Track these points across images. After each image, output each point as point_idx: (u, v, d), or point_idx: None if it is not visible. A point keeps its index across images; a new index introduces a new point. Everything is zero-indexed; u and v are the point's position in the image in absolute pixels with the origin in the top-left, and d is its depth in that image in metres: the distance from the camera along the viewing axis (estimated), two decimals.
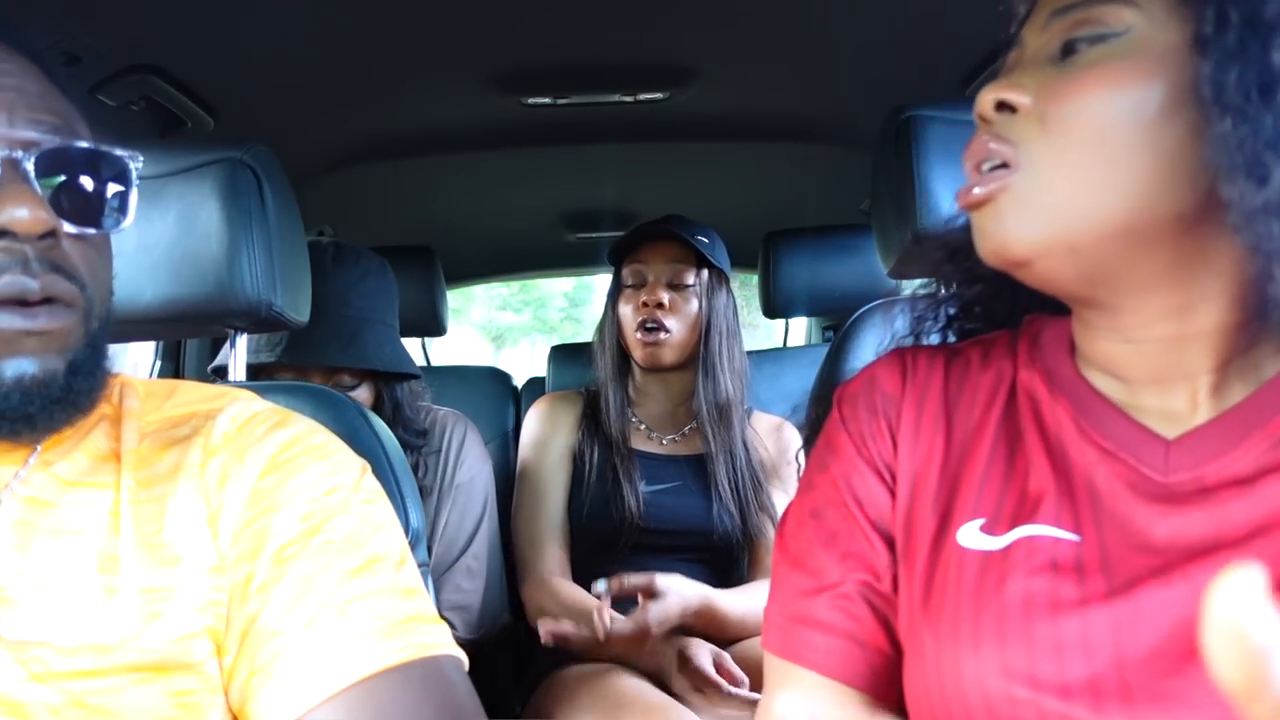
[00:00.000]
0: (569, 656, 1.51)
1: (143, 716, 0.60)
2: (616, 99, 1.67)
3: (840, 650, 0.66)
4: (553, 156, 2.02)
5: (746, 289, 2.49)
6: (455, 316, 2.56)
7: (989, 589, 0.59)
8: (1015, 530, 0.60)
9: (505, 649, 1.60)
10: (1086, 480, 0.60)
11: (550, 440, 1.68)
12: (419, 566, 0.75)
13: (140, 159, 0.67)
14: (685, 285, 1.64)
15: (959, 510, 0.64)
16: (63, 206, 0.61)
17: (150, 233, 0.95)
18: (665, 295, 1.62)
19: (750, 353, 1.78)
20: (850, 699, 0.66)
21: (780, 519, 0.76)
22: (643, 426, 1.70)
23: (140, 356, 1.91)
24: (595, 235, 2.53)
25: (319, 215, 2.10)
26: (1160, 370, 0.60)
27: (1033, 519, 0.60)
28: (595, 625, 1.28)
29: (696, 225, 1.68)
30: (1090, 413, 0.62)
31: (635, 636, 1.34)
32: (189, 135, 1.46)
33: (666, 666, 1.38)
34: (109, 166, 0.65)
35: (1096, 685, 0.53)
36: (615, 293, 1.70)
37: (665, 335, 1.61)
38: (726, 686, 1.30)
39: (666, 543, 1.57)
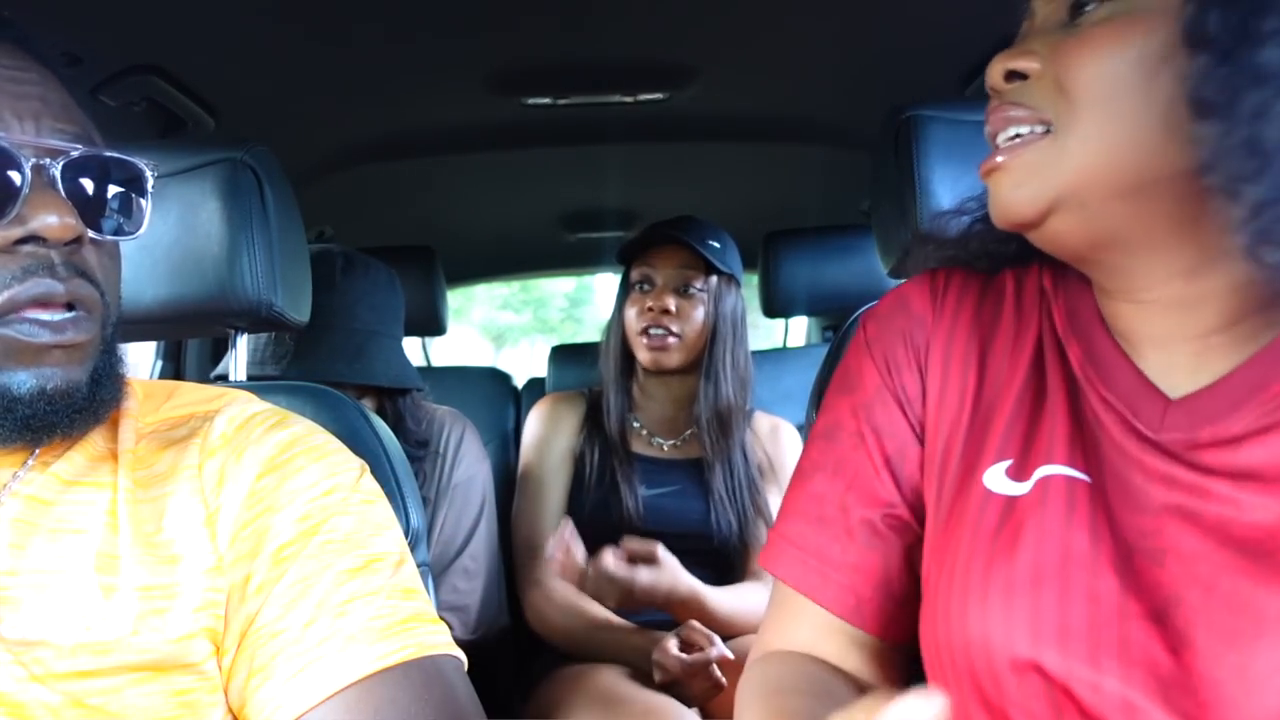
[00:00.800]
0: (568, 656, 1.51)
1: (142, 716, 0.60)
2: (616, 99, 1.67)
3: (839, 588, 0.67)
4: (553, 157, 2.02)
5: (746, 289, 2.49)
6: (455, 316, 2.56)
7: (1005, 541, 0.59)
8: (1037, 472, 0.61)
9: (504, 649, 1.60)
10: (1093, 432, 0.60)
11: (552, 441, 1.68)
12: (419, 567, 0.75)
13: (156, 168, 0.69)
14: (693, 291, 1.64)
15: (987, 451, 0.63)
16: (86, 213, 0.63)
17: (151, 233, 0.94)
18: (672, 301, 1.61)
19: (750, 353, 1.79)
20: (851, 638, 0.67)
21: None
22: (644, 431, 1.70)
23: (140, 357, 1.91)
24: (595, 235, 2.53)
25: (319, 215, 2.10)
26: (1166, 331, 0.60)
27: (1049, 459, 0.60)
28: (553, 542, 1.36)
29: (709, 228, 1.67)
30: (1098, 360, 0.62)
31: (620, 584, 1.37)
32: (189, 136, 1.46)
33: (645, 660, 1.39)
34: (129, 175, 0.67)
35: (1096, 646, 0.54)
36: (623, 294, 1.70)
37: (671, 340, 1.61)
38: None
39: (665, 545, 1.57)
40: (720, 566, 1.60)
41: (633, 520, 1.57)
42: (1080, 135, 0.56)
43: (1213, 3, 0.52)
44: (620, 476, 1.60)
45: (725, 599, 1.47)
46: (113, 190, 0.66)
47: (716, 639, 1.35)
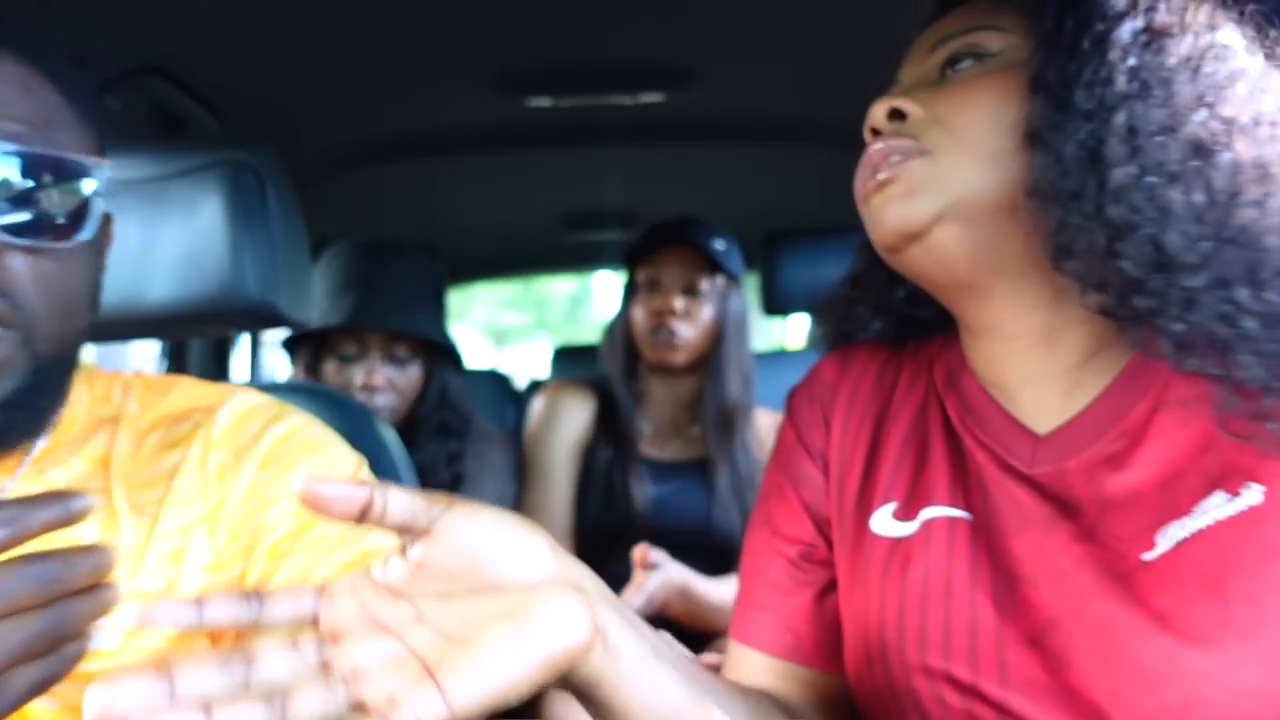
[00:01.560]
0: None
1: None
2: (618, 100, 1.67)
3: (775, 628, 0.72)
4: (554, 157, 2.02)
5: (746, 289, 2.49)
6: (457, 316, 2.57)
7: (894, 575, 0.65)
8: (921, 513, 0.66)
9: None
10: (975, 473, 0.65)
11: (560, 432, 1.67)
12: None
13: (109, 167, 0.64)
14: (700, 292, 1.64)
15: (877, 496, 0.69)
16: (8, 217, 0.57)
17: (153, 234, 0.95)
18: (679, 302, 1.62)
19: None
20: (788, 672, 0.71)
21: None
22: (647, 430, 1.70)
23: (143, 357, 1.92)
24: (596, 235, 2.53)
25: (322, 216, 2.10)
26: (1032, 369, 0.64)
27: (932, 500, 0.66)
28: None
29: (712, 229, 1.68)
30: (972, 408, 0.67)
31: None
32: (192, 136, 1.47)
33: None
34: (66, 175, 0.60)
35: (976, 665, 0.59)
36: (628, 293, 1.70)
37: (679, 340, 1.62)
38: None
39: (668, 543, 1.58)
40: (722, 565, 1.61)
41: (637, 519, 1.57)
42: (959, 159, 0.62)
43: (1053, 57, 0.60)
44: (626, 474, 1.60)
45: (715, 590, 1.47)
46: (43, 192, 0.59)
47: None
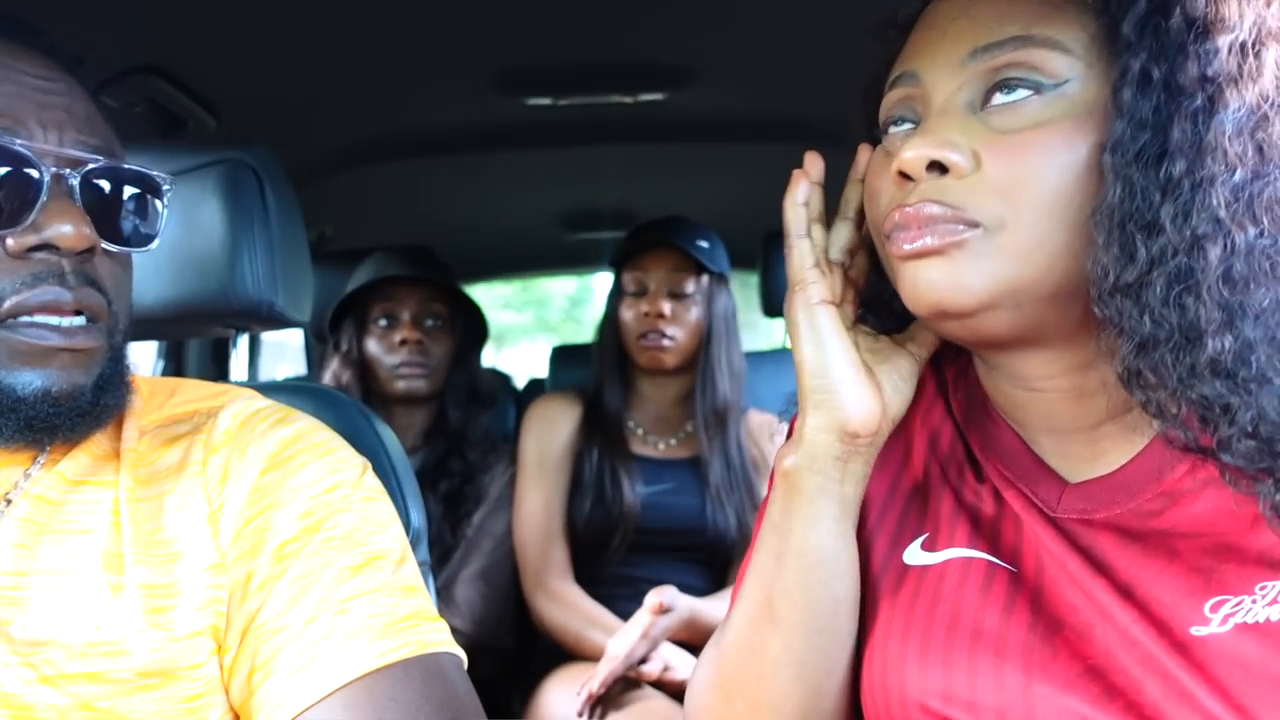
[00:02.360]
0: (568, 656, 1.51)
1: None
2: (617, 99, 1.67)
3: None
4: (553, 157, 2.02)
5: (746, 289, 2.49)
6: None
7: (922, 608, 0.62)
8: (949, 550, 0.63)
9: (504, 649, 1.61)
10: (1011, 514, 0.62)
11: (550, 441, 1.69)
12: (420, 565, 0.75)
13: (171, 180, 0.71)
14: (686, 293, 1.65)
15: (903, 526, 0.66)
16: (101, 224, 0.64)
17: None
18: (667, 305, 1.62)
19: (750, 353, 1.79)
20: None
21: None
22: (639, 430, 1.70)
23: (141, 357, 1.92)
24: (595, 235, 2.53)
25: (320, 215, 2.10)
26: (1059, 421, 0.61)
27: (967, 541, 0.62)
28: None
29: (697, 228, 1.68)
30: (997, 447, 0.64)
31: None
32: (190, 136, 1.47)
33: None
34: (145, 187, 0.69)
35: (1003, 709, 0.56)
36: (615, 297, 1.70)
37: (667, 343, 1.62)
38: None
39: (662, 543, 1.58)
40: (714, 564, 1.62)
41: (629, 519, 1.57)
42: (1014, 239, 0.54)
43: (1138, 129, 0.51)
44: (618, 474, 1.61)
45: (720, 610, 1.47)
46: (128, 202, 0.67)
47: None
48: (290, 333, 2.38)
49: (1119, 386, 0.55)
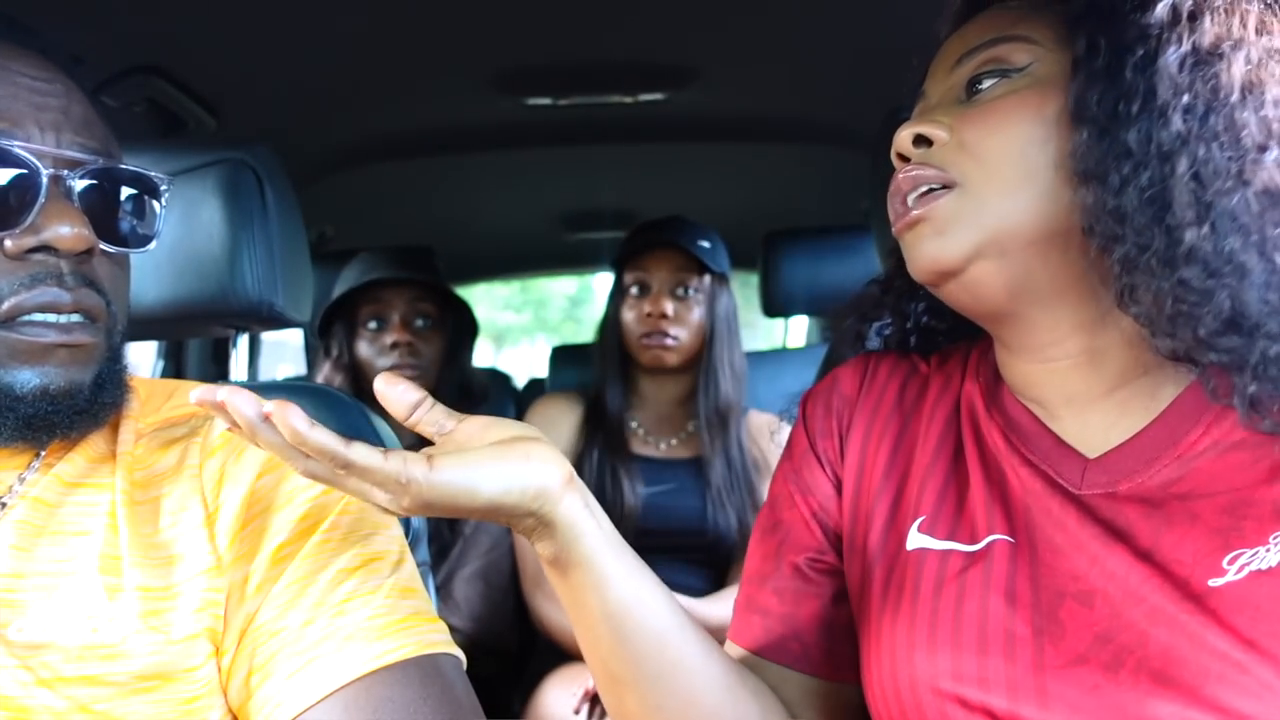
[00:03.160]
0: (568, 656, 1.51)
1: None
2: (617, 99, 1.67)
3: (781, 636, 0.70)
4: (553, 157, 2.02)
5: (747, 289, 2.49)
6: None
7: (926, 593, 0.63)
8: (952, 540, 0.64)
9: (504, 649, 1.61)
10: (1017, 493, 0.63)
11: (551, 441, 1.68)
12: (419, 565, 0.75)
13: (170, 180, 0.70)
14: (689, 294, 1.65)
15: (903, 511, 0.68)
16: (99, 225, 0.64)
17: None
18: (669, 305, 1.62)
19: (750, 353, 1.79)
20: (794, 680, 0.70)
21: None
22: (640, 430, 1.70)
23: (141, 357, 1.92)
24: (595, 235, 2.53)
25: (320, 215, 2.10)
26: (1074, 390, 0.63)
27: (969, 534, 0.64)
28: None
29: (699, 228, 1.68)
30: (1019, 430, 0.66)
31: None
32: (190, 136, 1.47)
33: None
34: (144, 189, 0.68)
35: (1015, 686, 0.57)
36: (617, 297, 1.70)
37: (671, 342, 1.62)
38: None
39: (662, 544, 1.58)
40: (716, 564, 1.61)
41: (630, 519, 1.57)
42: (989, 191, 0.60)
43: (1093, 84, 0.58)
44: (619, 476, 1.60)
45: (716, 611, 1.46)
46: (126, 203, 0.67)
47: None
48: (290, 333, 2.38)
49: (1127, 347, 0.61)
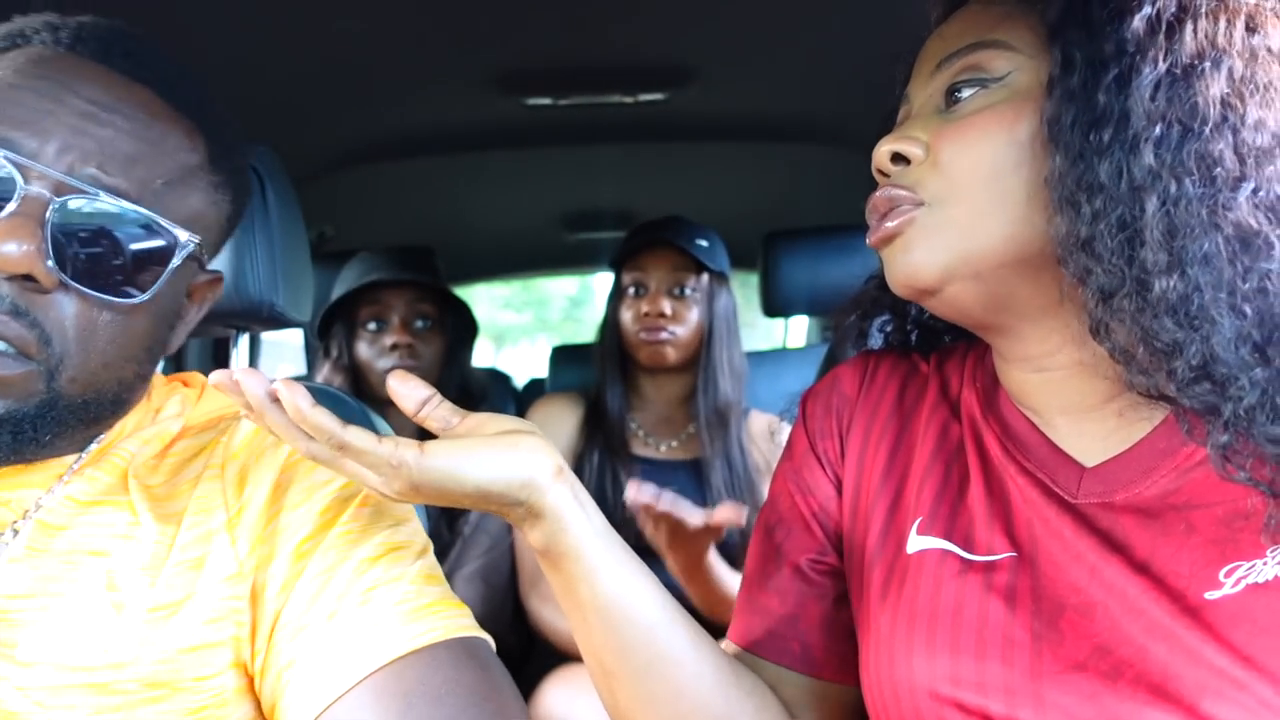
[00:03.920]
0: (568, 657, 1.51)
1: None
2: (617, 99, 1.67)
3: (781, 637, 0.70)
4: (553, 157, 2.02)
5: (746, 289, 2.49)
6: None
7: (926, 596, 0.62)
8: (951, 542, 0.64)
9: (504, 649, 1.61)
10: (1016, 501, 0.63)
11: (552, 442, 1.68)
12: None
13: (199, 243, 0.66)
14: (687, 293, 1.65)
15: (902, 512, 0.67)
16: (74, 262, 0.60)
17: None
18: (667, 305, 1.62)
19: (750, 353, 1.79)
20: (794, 682, 0.70)
21: None
22: (640, 432, 1.70)
23: None
24: (596, 235, 2.53)
25: (320, 215, 2.10)
26: (1070, 400, 0.62)
27: (967, 538, 0.63)
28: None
29: (696, 228, 1.68)
30: (1016, 438, 0.65)
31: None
32: None
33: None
34: (150, 240, 0.64)
35: (1012, 690, 0.57)
36: (616, 297, 1.70)
37: (668, 336, 1.62)
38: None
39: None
40: None
41: (633, 521, 1.57)
42: (960, 213, 0.59)
43: (1067, 105, 0.56)
44: (620, 477, 1.60)
45: (732, 580, 1.46)
46: (118, 249, 0.62)
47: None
48: (290, 333, 2.38)
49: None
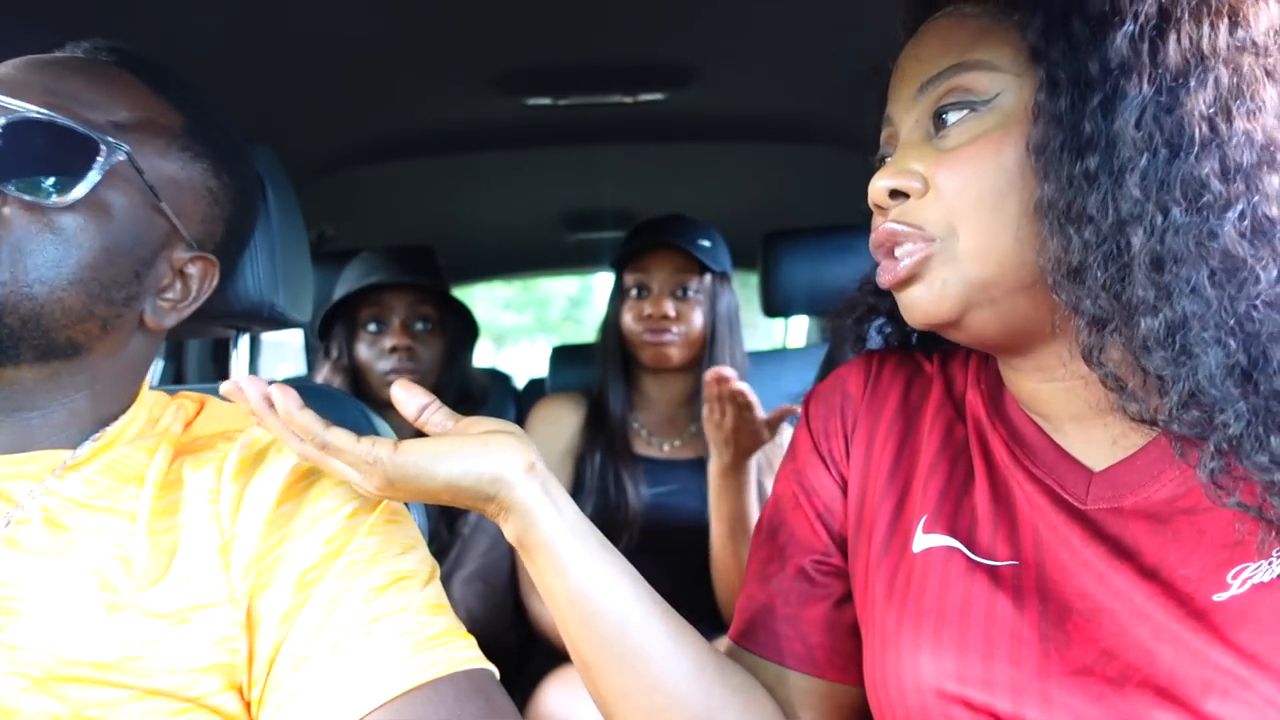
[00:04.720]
0: (566, 656, 1.51)
1: None
2: (617, 99, 1.67)
3: (785, 637, 0.70)
4: (553, 157, 2.02)
5: (746, 289, 2.49)
6: None
7: (932, 596, 0.62)
8: (955, 540, 0.64)
9: (504, 649, 1.61)
10: (1022, 506, 0.63)
11: (552, 442, 1.68)
12: None
13: (128, 151, 0.68)
14: (690, 294, 1.64)
15: (908, 511, 0.67)
16: (9, 174, 0.63)
17: None
18: (670, 306, 1.62)
19: (750, 353, 1.79)
20: (796, 682, 0.70)
21: None
22: (643, 432, 1.70)
23: None
24: (596, 235, 2.53)
25: (320, 215, 2.10)
26: (1079, 407, 0.63)
27: (971, 538, 0.63)
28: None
29: (698, 227, 1.68)
30: (1024, 443, 0.65)
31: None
32: None
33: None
34: (78, 145, 0.65)
35: (1019, 689, 0.57)
36: (618, 298, 1.70)
37: (671, 337, 1.62)
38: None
39: (666, 545, 1.58)
40: None
41: (636, 521, 1.57)
42: (970, 244, 0.60)
43: (1054, 132, 0.55)
44: (623, 476, 1.60)
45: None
46: (50, 156, 0.64)
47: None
48: (290, 333, 2.38)
49: None
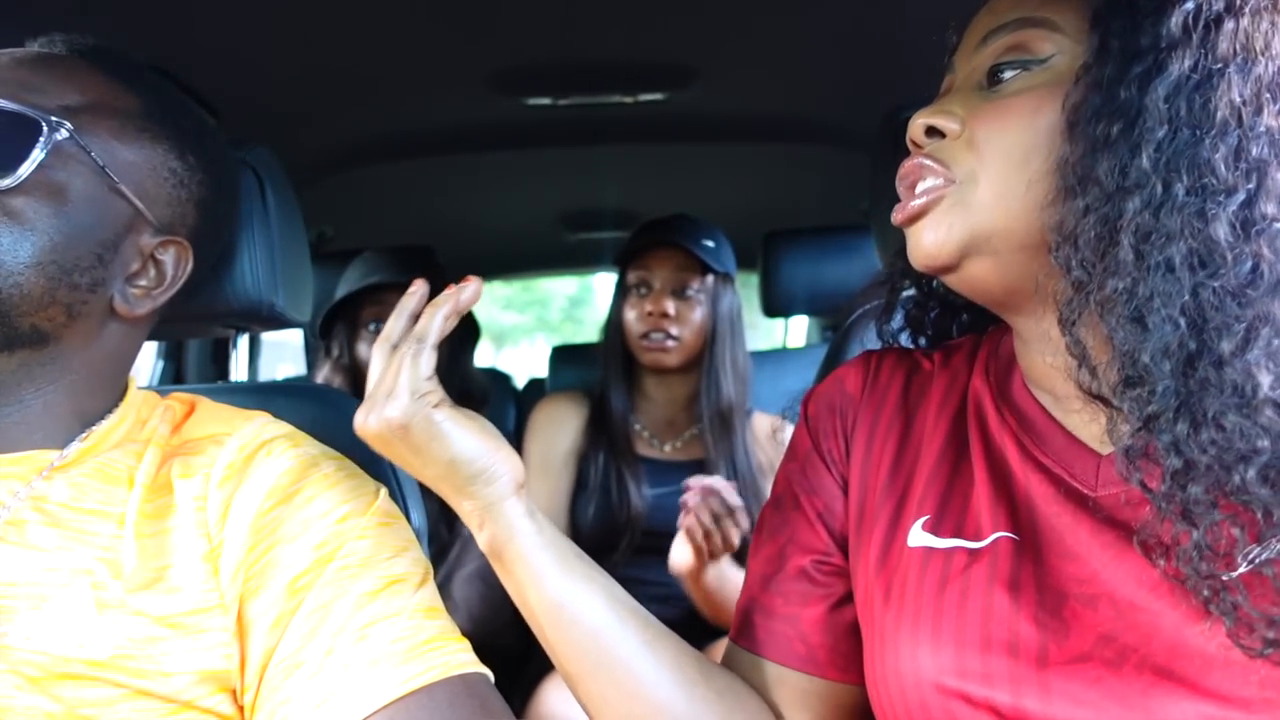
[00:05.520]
0: None
1: None
2: (616, 99, 1.67)
3: (785, 638, 0.70)
4: (553, 157, 2.02)
5: (746, 289, 2.49)
6: None
7: (930, 590, 0.62)
8: (956, 538, 0.64)
9: (504, 648, 1.61)
10: (1024, 494, 0.63)
11: (555, 442, 1.68)
12: None
13: (70, 128, 0.68)
14: (691, 294, 1.64)
15: (907, 510, 0.67)
16: None
17: None
18: (671, 305, 1.62)
19: (750, 353, 1.79)
20: (797, 683, 0.70)
21: None
22: (644, 433, 1.70)
23: (141, 357, 1.92)
24: (596, 235, 2.53)
25: (320, 215, 2.10)
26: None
27: (973, 533, 0.63)
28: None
29: (702, 227, 1.68)
30: (1033, 429, 0.65)
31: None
32: None
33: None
34: (17, 127, 0.66)
35: (1018, 681, 0.57)
36: (620, 296, 1.70)
37: (671, 343, 1.62)
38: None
39: (667, 546, 1.57)
40: None
41: (636, 521, 1.57)
42: (987, 193, 0.60)
43: (1091, 95, 0.56)
44: (624, 477, 1.60)
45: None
46: None
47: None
48: (290, 333, 2.38)
49: None
